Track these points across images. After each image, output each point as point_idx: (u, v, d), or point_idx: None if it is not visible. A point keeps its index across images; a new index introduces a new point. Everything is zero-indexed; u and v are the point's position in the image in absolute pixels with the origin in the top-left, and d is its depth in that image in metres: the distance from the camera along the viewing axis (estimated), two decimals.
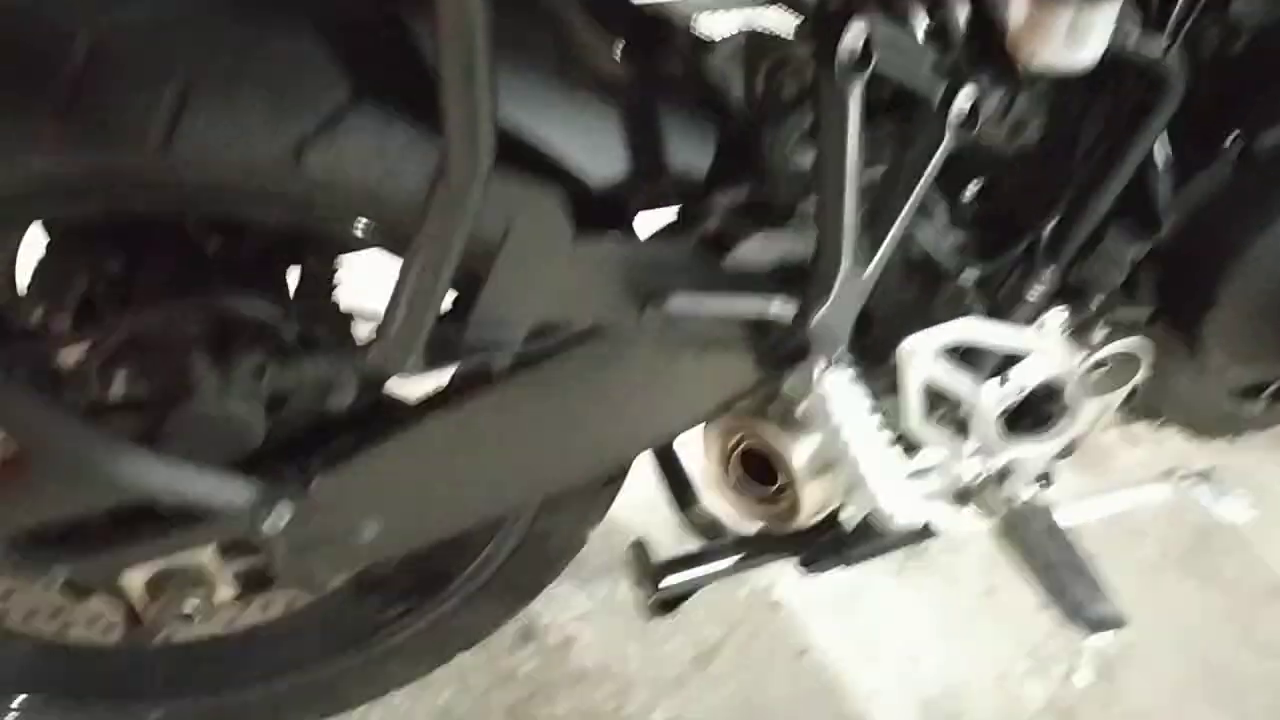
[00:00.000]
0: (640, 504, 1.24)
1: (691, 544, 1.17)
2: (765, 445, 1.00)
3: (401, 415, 0.91)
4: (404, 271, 0.65)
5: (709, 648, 1.42)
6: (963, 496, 1.06)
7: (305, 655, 1.18)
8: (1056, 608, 0.99)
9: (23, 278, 0.86)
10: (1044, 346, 0.96)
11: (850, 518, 1.00)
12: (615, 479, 1.11)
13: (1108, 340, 0.99)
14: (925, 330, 0.91)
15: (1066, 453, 1.09)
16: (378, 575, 1.17)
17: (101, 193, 0.67)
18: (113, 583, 0.87)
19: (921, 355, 0.92)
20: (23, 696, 1.02)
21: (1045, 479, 1.09)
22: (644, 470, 1.12)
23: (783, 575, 1.47)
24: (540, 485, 0.97)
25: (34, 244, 0.85)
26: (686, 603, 1.46)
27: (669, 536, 1.19)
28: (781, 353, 0.75)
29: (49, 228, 0.85)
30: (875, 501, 0.72)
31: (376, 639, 1.19)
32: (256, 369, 0.79)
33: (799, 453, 0.99)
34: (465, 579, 1.16)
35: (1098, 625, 0.95)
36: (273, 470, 0.86)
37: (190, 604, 0.87)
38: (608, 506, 1.15)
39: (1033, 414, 1.04)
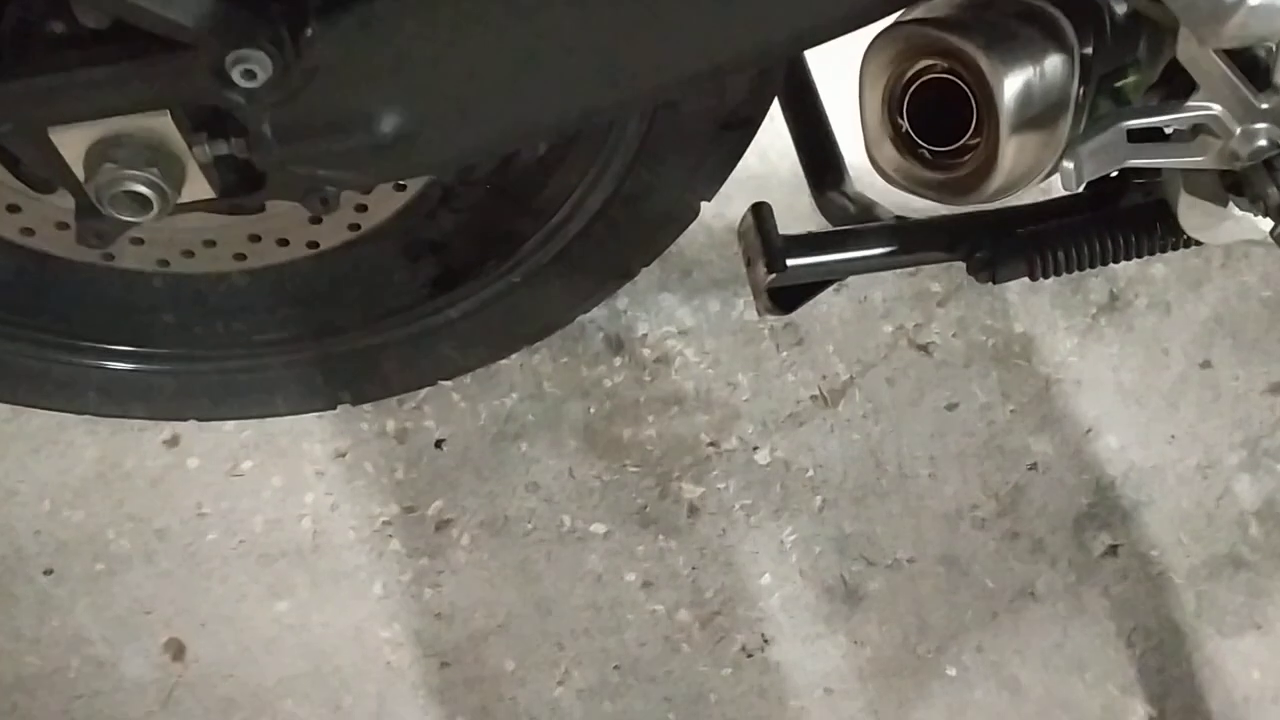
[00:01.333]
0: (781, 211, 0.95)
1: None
2: (961, 69, 0.69)
3: None
4: None
5: (837, 386, 1.15)
6: (1235, 183, 0.74)
7: (338, 320, 0.97)
8: None
9: None
10: None
11: (1070, 177, 0.69)
12: (737, 124, 0.82)
13: None
14: None
15: None
16: (432, 233, 0.94)
17: None
18: (42, 141, 0.64)
19: None
20: None
21: None
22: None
23: (938, 316, 1.18)
24: (626, 80, 0.68)
25: None
26: (817, 331, 1.20)
27: None
28: None
29: None
30: None
31: (426, 311, 0.97)
32: None
33: (1010, 84, 0.68)
34: (537, 244, 0.92)
35: None
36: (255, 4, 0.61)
37: (140, 178, 0.64)
38: (727, 167, 0.86)
39: None
